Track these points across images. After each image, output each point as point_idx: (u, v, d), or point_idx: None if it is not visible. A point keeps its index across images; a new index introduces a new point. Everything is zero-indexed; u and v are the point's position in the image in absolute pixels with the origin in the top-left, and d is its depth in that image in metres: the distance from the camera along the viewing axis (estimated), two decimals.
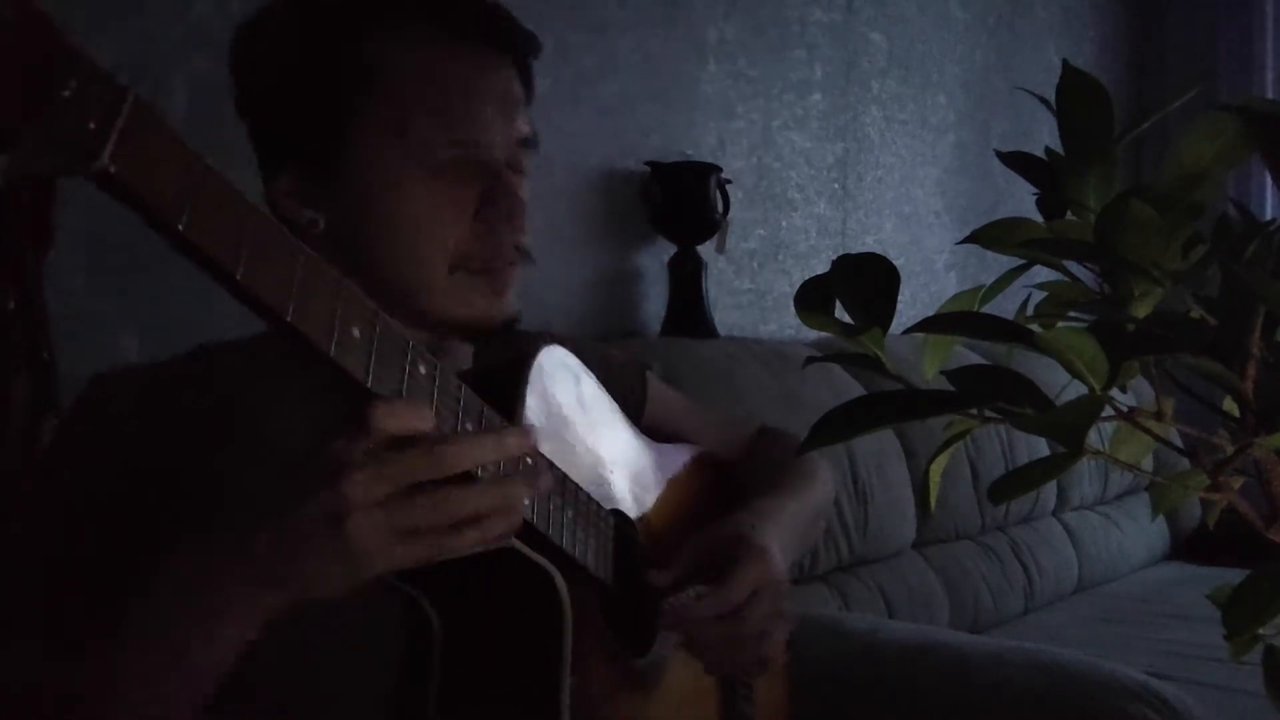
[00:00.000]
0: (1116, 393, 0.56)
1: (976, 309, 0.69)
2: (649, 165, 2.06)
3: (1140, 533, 2.78)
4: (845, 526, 1.98)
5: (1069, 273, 0.67)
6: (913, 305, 2.71)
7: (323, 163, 0.79)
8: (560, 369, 0.83)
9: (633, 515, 0.91)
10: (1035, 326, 0.64)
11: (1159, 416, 0.60)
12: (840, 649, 1.46)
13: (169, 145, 0.49)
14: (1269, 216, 1.63)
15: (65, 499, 0.76)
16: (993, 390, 0.55)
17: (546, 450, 0.75)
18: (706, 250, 2.12)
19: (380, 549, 0.60)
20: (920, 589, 2.13)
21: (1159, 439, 0.61)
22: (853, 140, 2.61)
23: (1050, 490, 2.60)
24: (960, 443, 0.64)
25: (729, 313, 2.27)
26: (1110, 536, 2.69)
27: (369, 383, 0.59)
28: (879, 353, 0.60)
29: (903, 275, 0.62)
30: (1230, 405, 0.58)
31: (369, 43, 0.77)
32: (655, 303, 2.13)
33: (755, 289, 2.37)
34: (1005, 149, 0.70)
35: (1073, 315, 0.65)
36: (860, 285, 0.61)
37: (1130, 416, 0.60)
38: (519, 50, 0.83)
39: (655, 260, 2.14)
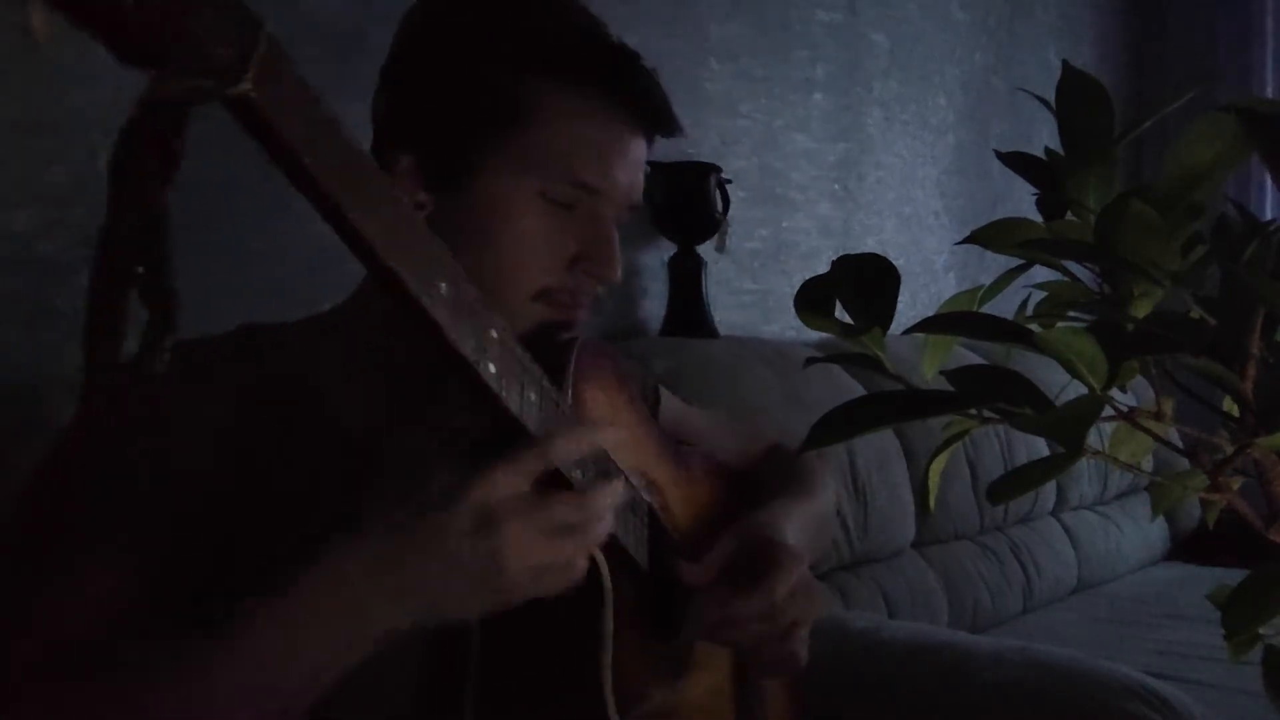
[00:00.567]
0: (1116, 393, 0.56)
1: (976, 309, 0.70)
2: (649, 164, 2.06)
3: (1140, 533, 2.78)
4: (845, 526, 1.98)
5: (1069, 273, 0.67)
6: (913, 306, 2.71)
7: (451, 162, 0.81)
8: (598, 357, 0.87)
9: (659, 508, 0.93)
10: (1035, 326, 0.64)
11: (1159, 416, 0.60)
12: (841, 648, 1.46)
13: (298, 83, 0.51)
14: (1269, 216, 1.63)
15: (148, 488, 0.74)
16: (992, 390, 0.55)
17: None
18: (707, 250, 2.12)
19: (529, 584, 0.66)
20: (920, 588, 2.13)
21: (1159, 439, 0.61)
22: (854, 140, 2.61)
23: (1049, 490, 2.60)
24: (959, 443, 0.64)
25: (731, 312, 2.27)
26: (1110, 536, 2.69)
27: (452, 335, 0.61)
28: (879, 353, 0.60)
29: (903, 276, 0.62)
30: (1230, 405, 0.58)
31: (535, 80, 0.80)
32: (656, 302, 2.13)
33: (757, 289, 2.37)
34: (1005, 149, 0.70)
35: (1073, 315, 0.65)
36: (860, 286, 0.61)
37: (1130, 416, 0.60)
38: (662, 130, 0.89)
39: (655, 259, 2.13)
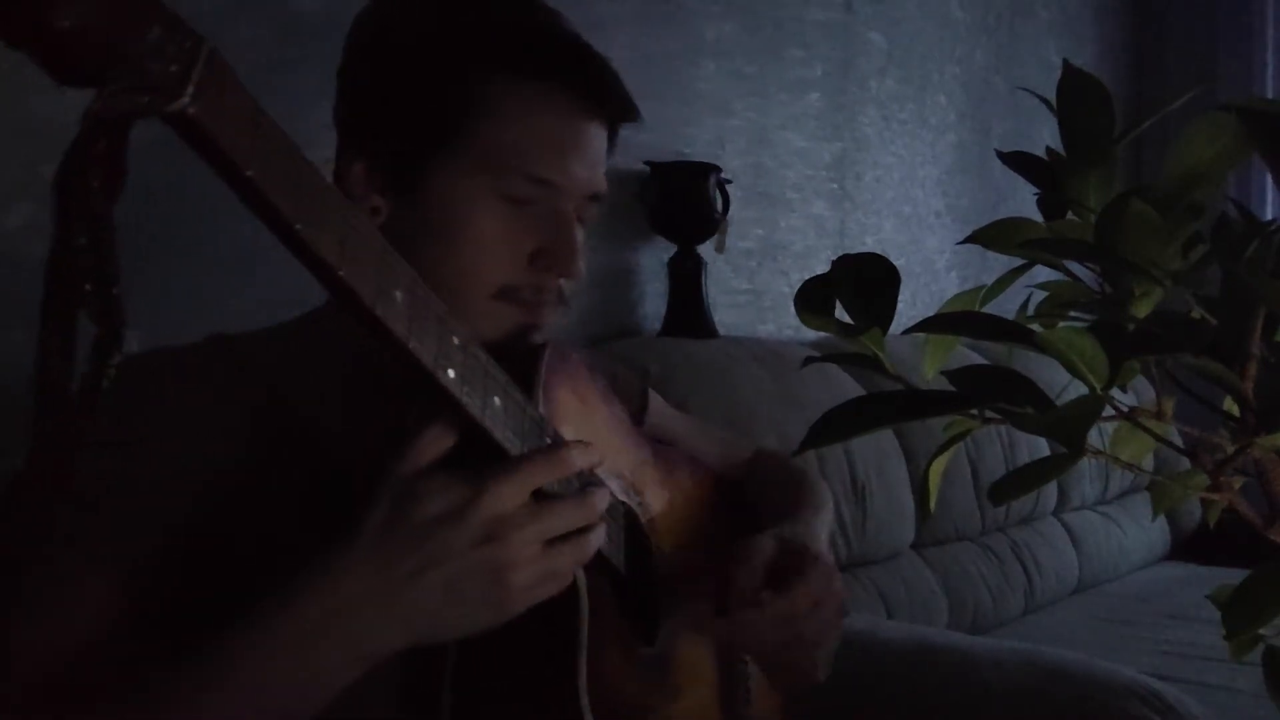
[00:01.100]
0: (1117, 392, 0.56)
1: (977, 309, 0.70)
2: (647, 165, 2.06)
3: (1140, 533, 2.78)
4: (844, 527, 1.98)
5: (1069, 273, 0.67)
6: (913, 305, 2.71)
7: (403, 165, 0.80)
8: (569, 359, 0.86)
9: (638, 511, 0.92)
10: (1036, 326, 0.64)
11: (1159, 416, 0.60)
12: (840, 650, 1.45)
13: (240, 95, 0.52)
14: (1269, 216, 1.63)
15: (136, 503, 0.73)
16: (993, 390, 0.55)
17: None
18: (706, 250, 2.12)
19: (531, 594, 0.66)
20: (919, 590, 2.12)
21: (1159, 439, 0.61)
22: (850, 140, 2.61)
23: (1050, 490, 2.60)
24: (960, 443, 0.64)
25: (727, 312, 2.27)
26: (1110, 536, 2.69)
27: (410, 343, 0.61)
28: (879, 353, 0.60)
29: (903, 275, 0.62)
30: (1230, 405, 0.58)
31: (484, 77, 0.80)
32: (655, 302, 2.12)
33: (753, 289, 2.37)
34: (1005, 149, 0.70)
35: (1073, 315, 0.65)
36: (860, 285, 0.61)
37: (1130, 416, 0.60)
38: (618, 118, 0.87)
39: (654, 259, 2.13)
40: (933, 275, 2.85)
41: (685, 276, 2.09)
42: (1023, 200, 2.74)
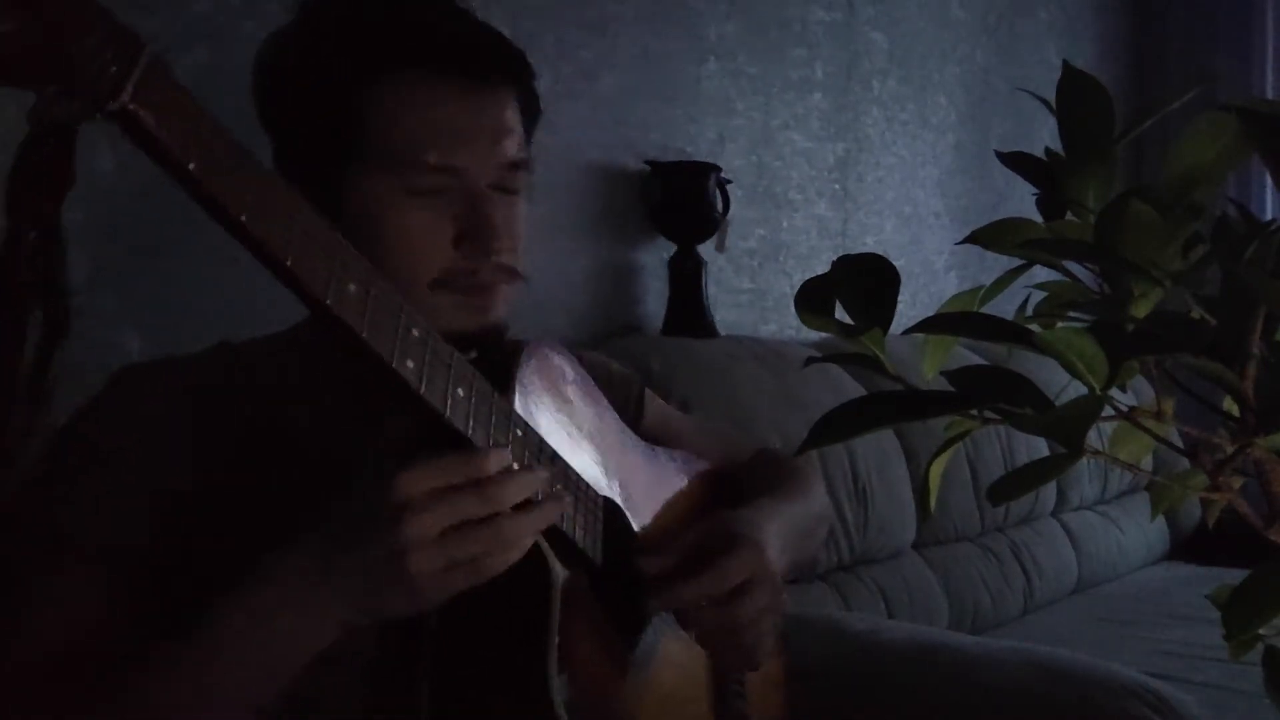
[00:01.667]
0: (1116, 392, 0.56)
1: (976, 309, 0.70)
2: (649, 164, 2.06)
3: (1140, 533, 2.77)
4: (845, 526, 1.98)
5: (1069, 273, 0.67)
6: (913, 306, 2.71)
7: (325, 184, 0.82)
8: (549, 357, 0.87)
9: (624, 506, 0.92)
10: (1035, 326, 0.64)
11: (1159, 416, 0.60)
12: (841, 649, 1.46)
13: (181, 95, 0.54)
14: (1269, 216, 1.63)
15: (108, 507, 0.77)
16: (993, 390, 0.55)
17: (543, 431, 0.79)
18: (707, 249, 2.12)
19: (438, 580, 0.67)
20: (920, 589, 2.13)
21: (1159, 439, 0.61)
22: (853, 140, 2.61)
23: (1050, 490, 2.60)
24: (960, 444, 0.64)
25: (729, 312, 2.27)
26: (1110, 536, 2.69)
27: (364, 333, 0.62)
28: (879, 353, 0.60)
29: (903, 276, 0.62)
30: (1230, 405, 0.58)
31: (363, 86, 0.82)
32: (655, 301, 2.13)
33: (755, 289, 2.37)
34: (1005, 149, 0.70)
35: (1073, 315, 0.65)
36: (860, 286, 0.61)
37: (1130, 416, 0.60)
38: (508, 80, 0.87)
39: (655, 259, 2.13)
40: (932, 276, 2.85)
41: (685, 276, 2.09)
42: (1022, 200, 2.74)
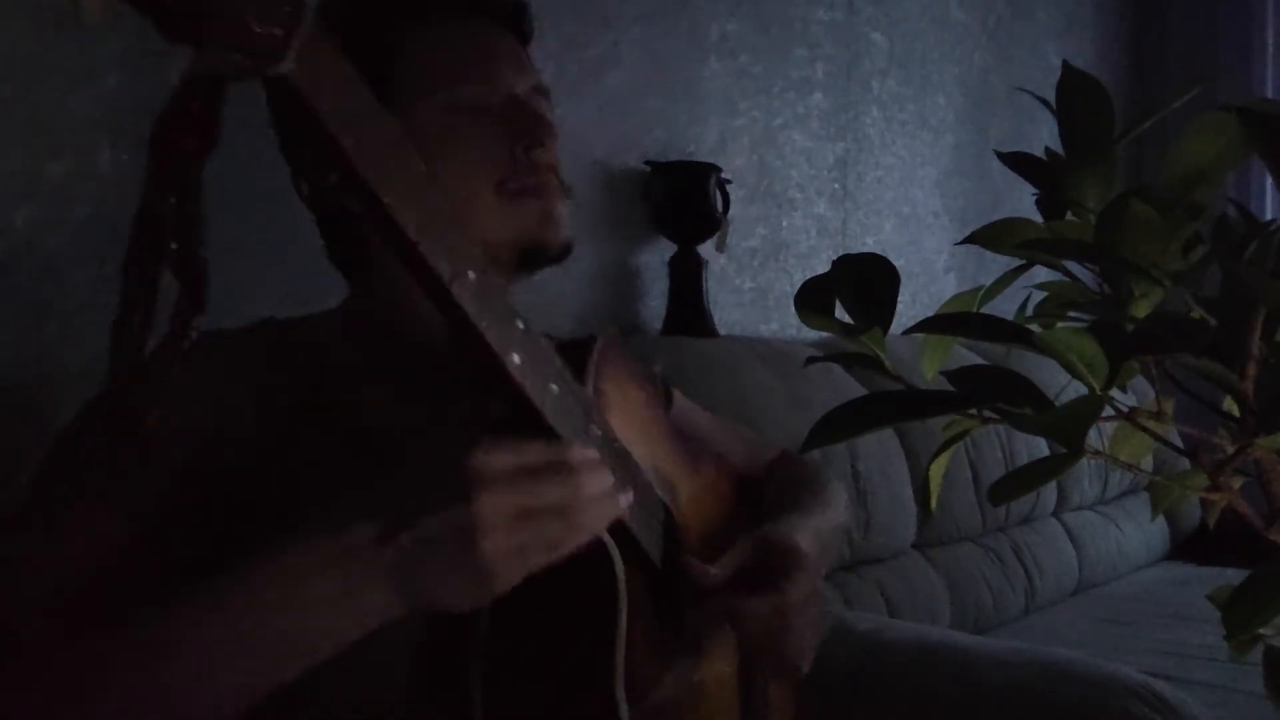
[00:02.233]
0: (1116, 393, 0.56)
1: (976, 309, 0.70)
2: (649, 164, 2.06)
3: (1140, 533, 2.77)
4: (847, 526, 1.98)
5: (1069, 273, 0.67)
6: (913, 306, 2.71)
7: None
8: (618, 352, 0.89)
9: (668, 503, 0.92)
10: (1035, 326, 0.64)
11: (1159, 416, 0.60)
12: (843, 649, 1.46)
13: (340, 62, 0.50)
14: (1269, 216, 1.63)
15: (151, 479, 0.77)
16: (993, 390, 0.55)
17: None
18: (707, 249, 2.12)
19: (508, 566, 0.64)
20: (922, 589, 2.12)
21: (1159, 439, 0.61)
22: (853, 140, 2.61)
23: (1050, 490, 2.60)
24: (960, 444, 0.64)
25: (730, 311, 2.27)
26: (1110, 536, 2.69)
27: (481, 325, 0.60)
28: (879, 353, 0.60)
29: (902, 276, 0.62)
30: (1230, 405, 0.58)
31: (393, 31, 0.89)
32: (656, 301, 2.13)
33: (756, 288, 2.37)
34: (1005, 149, 0.70)
35: (1073, 315, 0.65)
36: (860, 286, 0.61)
37: (1130, 416, 0.60)
38: (513, 20, 0.94)
39: (656, 258, 2.13)
40: (931, 276, 2.85)
41: (686, 276, 2.09)
42: (1021, 201, 2.74)
